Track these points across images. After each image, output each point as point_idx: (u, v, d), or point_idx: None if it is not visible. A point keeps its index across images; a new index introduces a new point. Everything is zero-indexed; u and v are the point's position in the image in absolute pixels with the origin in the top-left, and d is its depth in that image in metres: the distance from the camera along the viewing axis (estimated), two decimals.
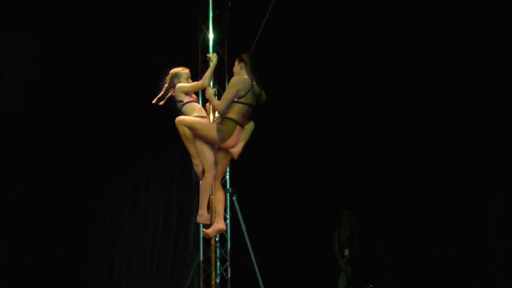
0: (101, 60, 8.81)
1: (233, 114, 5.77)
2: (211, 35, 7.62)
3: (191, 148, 5.86)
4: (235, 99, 5.75)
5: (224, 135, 5.73)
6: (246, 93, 5.76)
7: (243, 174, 7.77)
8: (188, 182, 8.95)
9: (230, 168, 7.50)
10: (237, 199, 7.77)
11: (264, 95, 5.86)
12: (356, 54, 8.53)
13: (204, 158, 5.84)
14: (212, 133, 5.74)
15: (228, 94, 5.78)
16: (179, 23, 8.38)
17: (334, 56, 8.68)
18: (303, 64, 8.88)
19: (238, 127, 5.78)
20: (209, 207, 6.17)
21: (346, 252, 8.44)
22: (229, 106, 5.75)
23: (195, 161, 5.87)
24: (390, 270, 8.32)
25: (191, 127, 5.80)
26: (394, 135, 8.23)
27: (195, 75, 8.28)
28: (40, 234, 9.04)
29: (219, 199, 6.05)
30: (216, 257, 7.51)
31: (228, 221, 7.69)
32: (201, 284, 7.80)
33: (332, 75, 8.84)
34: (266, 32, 7.17)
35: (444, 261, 7.67)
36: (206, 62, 7.82)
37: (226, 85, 8.23)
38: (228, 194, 7.79)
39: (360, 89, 8.62)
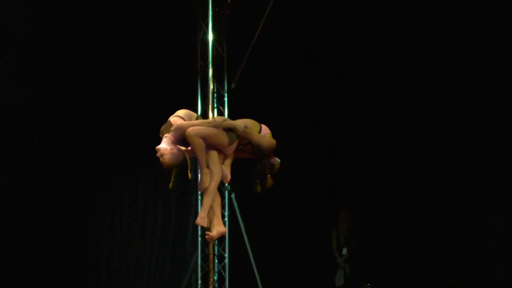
0: (97, 58, 8.75)
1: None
2: (210, 33, 7.60)
3: (203, 158, 5.78)
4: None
5: (232, 139, 5.84)
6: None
7: (241, 172, 7.77)
8: (187, 180, 8.92)
9: None
10: (235, 197, 7.78)
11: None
12: (356, 57, 8.54)
13: (214, 164, 5.83)
14: (223, 137, 5.80)
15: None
16: (178, 21, 8.37)
17: (334, 56, 8.69)
18: (303, 63, 8.88)
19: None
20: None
21: (344, 251, 8.46)
22: None
23: (205, 170, 5.80)
24: (388, 268, 8.33)
25: (205, 137, 5.73)
26: (392, 135, 8.23)
27: (194, 73, 8.33)
28: (38, 235, 8.99)
29: (216, 201, 6.07)
30: (214, 254, 7.50)
31: (226, 219, 7.70)
32: (199, 282, 7.82)
33: (331, 76, 8.84)
34: (266, 30, 7.18)
35: (442, 260, 7.67)
36: (205, 60, 7.83)
37: (225, 83, 8.26)
38: (226, 191, 7.81)
39: (358, 90, 8.62)
